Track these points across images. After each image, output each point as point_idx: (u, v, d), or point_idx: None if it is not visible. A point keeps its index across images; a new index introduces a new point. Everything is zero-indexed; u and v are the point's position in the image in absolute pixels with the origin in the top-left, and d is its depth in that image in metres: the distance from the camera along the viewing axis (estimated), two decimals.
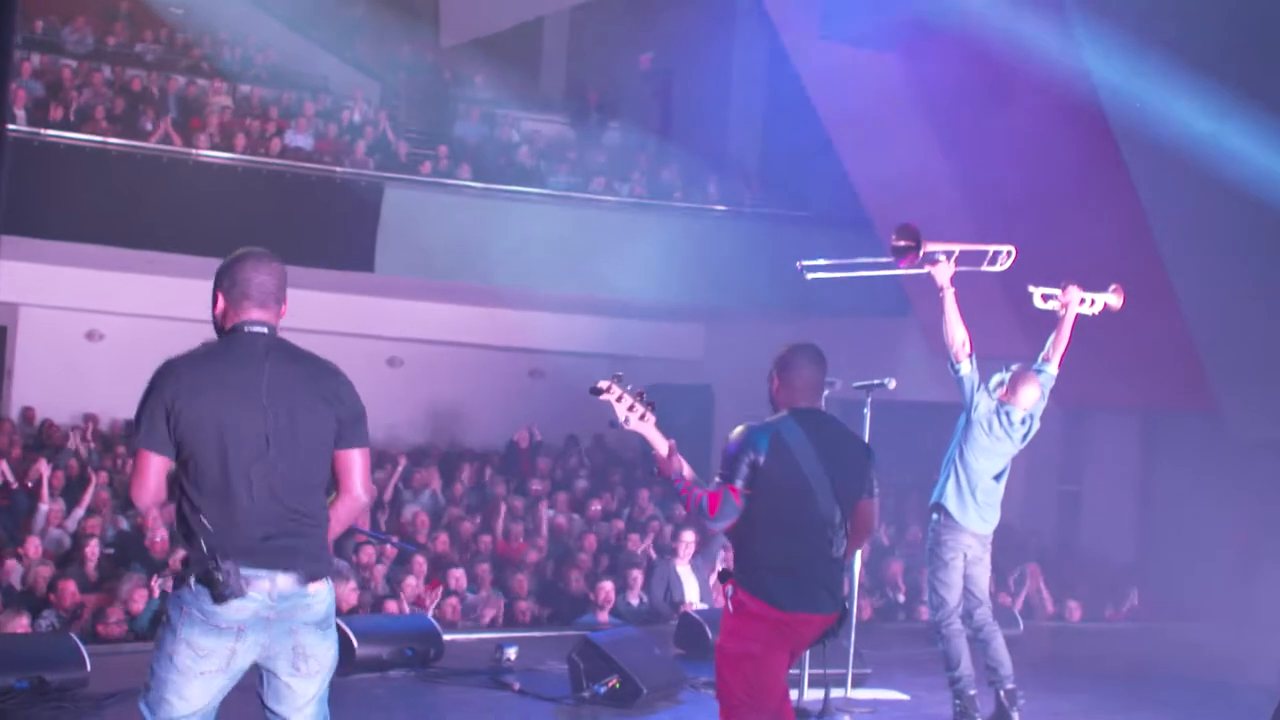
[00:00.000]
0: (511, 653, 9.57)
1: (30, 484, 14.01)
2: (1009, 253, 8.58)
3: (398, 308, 19.79)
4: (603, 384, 5.69)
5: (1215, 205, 13.59)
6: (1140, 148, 13.73)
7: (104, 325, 19.19)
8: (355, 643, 8.99)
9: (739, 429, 5.67)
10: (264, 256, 4.73)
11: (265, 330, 4.64)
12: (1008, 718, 8.12)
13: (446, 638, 9.69)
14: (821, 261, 8.78)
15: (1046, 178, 14.92)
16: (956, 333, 7.91)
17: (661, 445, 5.70)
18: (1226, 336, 14.31)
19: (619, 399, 5.69)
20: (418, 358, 21.27)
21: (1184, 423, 16.45)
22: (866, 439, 7.11)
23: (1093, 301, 8.55)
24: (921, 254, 7.94)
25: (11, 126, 10.63)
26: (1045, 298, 8.55)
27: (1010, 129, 14.90)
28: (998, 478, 8.09)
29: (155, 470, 4.48)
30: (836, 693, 8.55)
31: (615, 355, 18.34)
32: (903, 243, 8.00)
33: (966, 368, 7.96)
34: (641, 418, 5.69)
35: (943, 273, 7.95)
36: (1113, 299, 8.59)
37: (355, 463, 4.72)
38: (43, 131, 16.24)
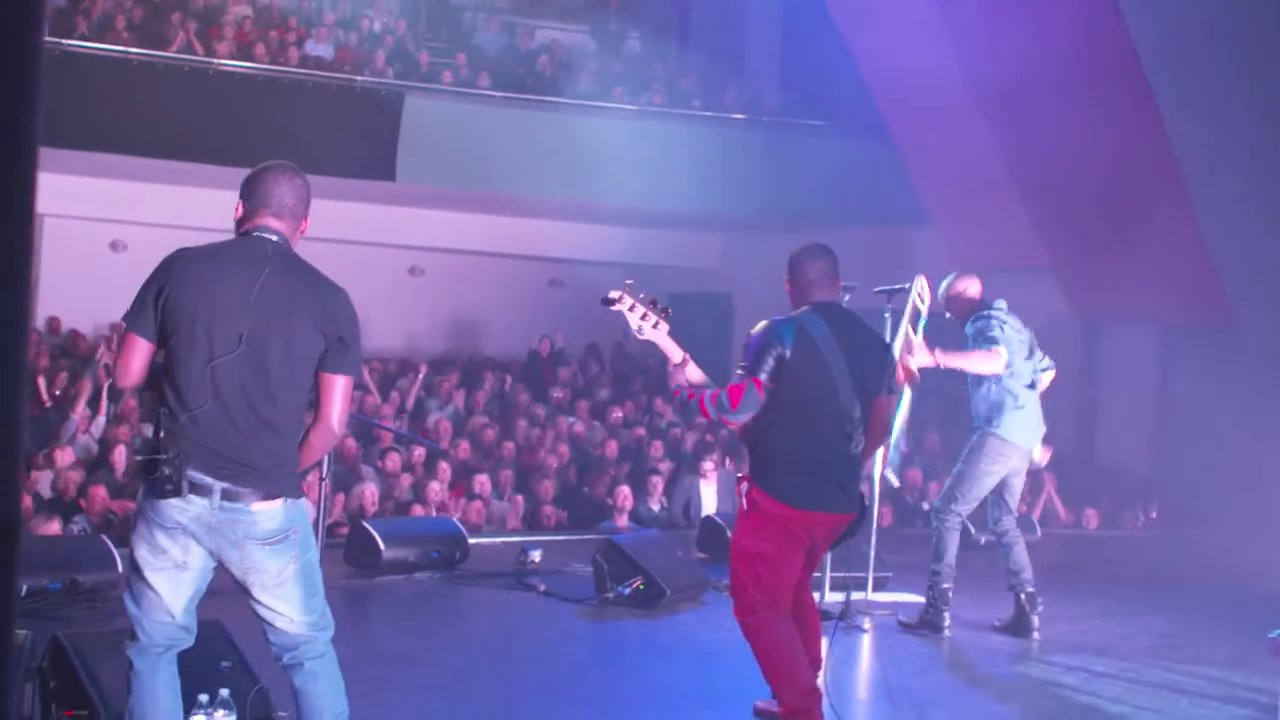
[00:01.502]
0: (536, 555, 9.72)
1: (58, 393, 14.16)
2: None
3: (418, 217, 19.77)
4: (614, 294, 5.68)
5: (1237, 117, 13.54)
6: (1160, 53, 13.67)
7: (127, 235, 19.25)
8: (381, 545, 9.14)
9: (762, 323, 5.64)
10: (288, 169, 4.68)
11: (275, 238, 4.57)
12: (1028, 619, 8.30)
13: (471, 541, 9.86)
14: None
15: (1067, 90, 14.82)
16: (992, 364, 8.04)
17: (675, 354, 5.72)
18: (1244, 250, 14.31)
19: (631, 308, 5.69)
20: (438, 267, 21.28)
21: (1201, 334, 16.43)
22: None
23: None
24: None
25: None
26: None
27: (1030, 31, 14.78)
28: (1031, 386, 8.25)
29: (138, 352, 4.45)
30: (857, 596, 8.70)
31: (634, 264, 18.35)
32: None
33: (1002, 350, 8.06)
34: (655, 326, 5.70)
35: (922, 359, 8.06)
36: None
37: (335, 390, 4.55)
38: (64, 41, 16.21)
